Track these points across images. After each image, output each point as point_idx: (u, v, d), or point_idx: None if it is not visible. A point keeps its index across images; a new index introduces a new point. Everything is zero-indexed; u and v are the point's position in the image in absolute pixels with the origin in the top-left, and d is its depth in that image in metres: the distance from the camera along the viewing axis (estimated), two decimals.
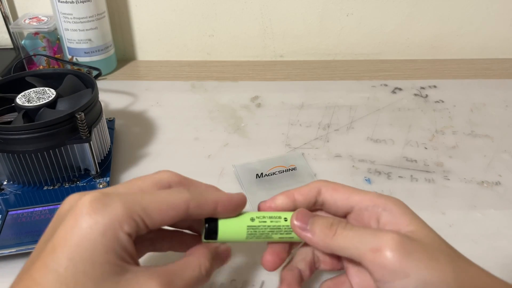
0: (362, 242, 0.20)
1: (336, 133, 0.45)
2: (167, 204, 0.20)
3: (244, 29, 0.59)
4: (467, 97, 0.52)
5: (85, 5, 0.50)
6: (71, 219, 0.18)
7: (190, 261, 0.21)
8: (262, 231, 0.24)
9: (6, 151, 0.33)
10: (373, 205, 0.23)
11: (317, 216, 0.23)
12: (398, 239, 0.20)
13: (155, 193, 0.21)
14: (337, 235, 0.21)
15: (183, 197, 0.21)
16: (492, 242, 0.33)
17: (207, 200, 0.22)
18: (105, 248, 0.18)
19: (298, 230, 0.23)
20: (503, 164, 0.41)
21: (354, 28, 0.59)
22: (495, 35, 0.60)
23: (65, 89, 0.37)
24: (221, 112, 0.49)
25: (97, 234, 0.18)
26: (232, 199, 0.23)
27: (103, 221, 0.18)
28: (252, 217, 0.24)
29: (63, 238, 0.18)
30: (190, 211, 0.21)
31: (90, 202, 0.18)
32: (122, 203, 0.19)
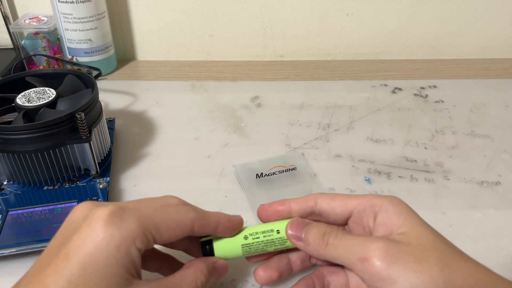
0: (351, 252, 0.21)
1: (336, 133, 0.45)
2: (176, 223, 0.21)
3: (244, 29, 0.59)
4: (467, 97, 0.52)
5: (85, 5, 0.50)
6: (87, 229, 0.19)
7: (187, 275, 0.22)
8: (256, 247, 0.25)
9: (6, 151, 0.33)
10: (370, 206, 0.23)
11: (311, 224, 0.24)
12: (384, 247, 0.20)
13: (165, 211, 0.22)
14: (329, 245, 0.22)
15: (190, 216, 0.22)
16: (492, 242, 0.33)
17: (210, 220, 0.23)
18: (117, 261, 0.19)
19: (292, 239, 0.24)
20: (503, 164, 0.41)
21: (354, 28, 0.59)
22: (495, 35, 0.60)
23: (65, 89, 0.37)
24: (221, 112, 0.49)
25: (112, 246, 0.19)
26: (232, 221, 0.24)
27: (119, 235, 0.19)
28: (246, 235, 0.25)
29: (78, 247, 0.19)
30: (195, 230, 0.22)
31: (108, 214, 0.19)
32: (137, 219, 0.20)
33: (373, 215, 0.23)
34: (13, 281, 0.29)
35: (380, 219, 0.23)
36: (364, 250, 0.21)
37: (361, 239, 0.22)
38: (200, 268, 0.23)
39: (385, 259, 0.20)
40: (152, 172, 0.39)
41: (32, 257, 0.31)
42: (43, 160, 0.34)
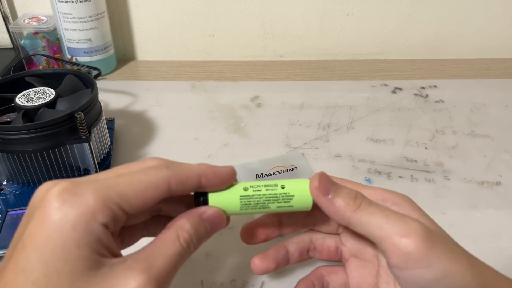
0: (388, 224, 0.19)
1: (336, 133, 0.45)
2: (145, 185, 0.19)
3: (244, 29, 0.59)
4: (467, 97, 0.52)
5: (85, 5, 0.50)
6: (40, 213, 0.17)
7: (166, 237, 0.19)
8: (257, 201, 0.22)
9: (6, 151, 0.33)
10: (382, 200, 0.22)
11: (339, 184, 0.22)
12: (426, 229, 0.19)
13: (131, 175, 0.19)
14: (361, 209, 0.20)
15: (162, 174, 0.19)
16: (492, 242, 0.33)
17: (189, 174, 0.20)
18: (76, 243, 0.16)
19: (317, 194, 0.21)
20: (503, 164, 0.41)
21: (354, 28, 0.59)
22: (495, 35, 0.60)
23: (65, 89, 0.37)
24: (221, 112, 0.49)
25: (67, 228, 0.16)
26: (217, 171, 0.21)
27: (73, 213, 0.17)
28: (246, 187, 0.22)
29: (32, 235, 0.17)
30: (173, 188, 0.19)
31: (58, 193, 0.17)
32: (93, 191, 0.17)
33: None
34: None
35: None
36: (405, 225, 0.19)
37: (399, 214, 0.20)
38: (180, 225, 0.20)
39: (426, 240, 0.19)
40: None
41: None
42: (43, 160, 0.34)
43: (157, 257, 0.18)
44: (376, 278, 0.23)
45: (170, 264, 0.18)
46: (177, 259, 0.19)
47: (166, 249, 0.19)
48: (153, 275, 0.17)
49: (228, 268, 0.30)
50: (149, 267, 0.18)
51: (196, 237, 0.20)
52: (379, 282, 0.23)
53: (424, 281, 0.19)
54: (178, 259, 0.19)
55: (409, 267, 0.19)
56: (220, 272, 0.30)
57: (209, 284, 0.29)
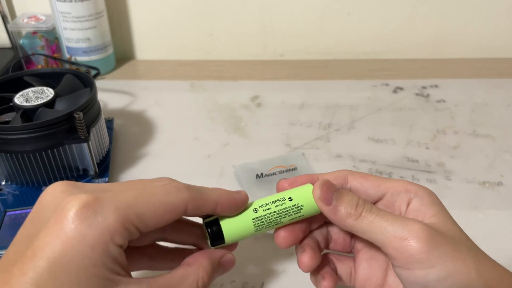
0: (389, 229, 0.20)
1: (336, 133, 0.45)
2: (165, 207, 0.19)
3: (244, 28, 0.59)
4: (468, 96, 0.51)
5: (84, 4, 0.50)
6: (55, 224, 0.17)
7: (187, 274, 0.20)
8: (269, 219, 0.22)
9: (4, 151, 0.33)
10: (405, 191, 0.22)
11: (342, 190, 0.22)
12: (427, 230, 0.19)
13: (151, 194, 0.19)
14: (362, 218, 0.21)
15: (182, 196, 0.19)
16: (494, 243, 0.32)
17: (207, 200, 0.20)
18: (93, 262, 0.16)
19: (320, 202, 0.22)
20: (505, 164, 0.40)
21: (354, 27, 0.59)
22: (496, 35, 0.60)
23: (64, 88, 0.37)
24: (220, 111, 0.49)
25: (85, 247, 0.16)
26: (233, 199, 0.22)
27: (92, 233, 0.16)
28: (255, 208, 0.22)
29: (45, 245, 0.16)
30: (188, 212, 0.20)
31: (79, 208, 0.17)
32: (114, 211, 0.17)
33: (407, 200, 0.22)
34: None
35: (413, 205, 0.22)
36: (405, 229, 0.20)
37: (399, 217, 0.20)
38: (203, 266, 0.20)
39: (428, 242, 0.19)
40: (151, 173, 0.39)
41: None
42: (41, 160, 0.33)
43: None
44: (386, 271, 0.23)
45: None
46: None
47: (184, 285, 0.19)
48: None
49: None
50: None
51: (212, 279, 0.21)
52: (388, 276, 0.23)
53: (427, 282, 0.19)
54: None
55: (412, 268, 0.19)
56: None
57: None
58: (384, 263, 0.24)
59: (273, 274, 0.30)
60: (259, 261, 0.31)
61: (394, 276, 0.23)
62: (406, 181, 0.23)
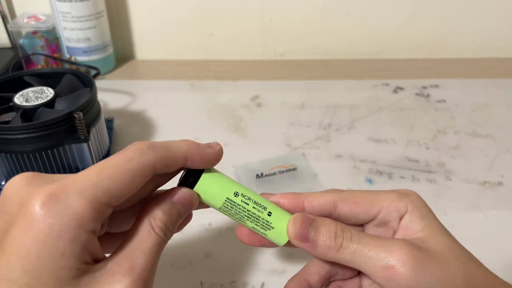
0: (373, 258, 0.19)
1: (337, 133, 0.45)
2: (131, 174, 0.18)
3: (244, 28, 0.59)
4: (469, 96, 0.51)
5: (84, 4, 0.49)
6: (23, 220, 0.16)
7: (141, 230, 0.18)
8: (238, 211, 0.21)
9: (4, 151, 0.33)
10: (396, 210, 0.22)
11: (317, 221, 0.21)
12: (412, 254, 0.19)
13: (114, 167, 0.18)
14: (343, 249, 0.20)
15: (147, 159, 0.18)
16: (494, 243, 0.32)
17: (175, 157, 0.19)
18: (61, 252, 0.16)
19: (296, 240, 0.21)
20: (505, 164, 0.40)
21: (355, 27, 0.59)
22: (497, 34, 0.60)
23: (64, 88, 0.37)
24: (220, 111, 0.48)
25: (52, 238, 0.16)
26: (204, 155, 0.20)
27: (59, 223, 0.16)
28: (237, 192, 0.21)
29: (14, 242, 0.16)
30: (156, 171, 0.19)
31: (43, 201, 0.16)
32: (79, 196, 0.16)
33: (399, 218, 0.22)
34: None
35: (403, 222, 0.22)
36: (388, 256, 0.19)
37: (381, 242, 0.20)
38: (152, 215, 0.19)
39: (414, 268, 0.19)
40: None
41: None
42: (41, 160, 0.33)
43: (137, 253, 0.18)
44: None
45: (151, 258, 0.18)
46: (156, 250, 0.18)
47: (143, 242, 0.18)
48: (137, 275, 0.17)
49: (228, 269, 0.30)
50: (131, 267, 0.17)
51: (171, 223, 0.19)
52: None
53: None
54: (157, 250, 0.18)
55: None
56: (220, 273, 0.30)
57: (209, 285, 0.29)
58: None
59: (273, 274, 0.30)
60: (259, 261, 0.31)
61: None
62: (396, 196, 0.22)
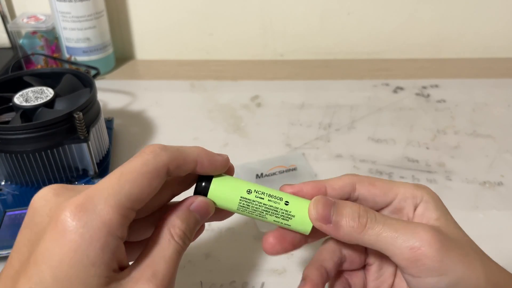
0: (399, 239, 0.19)
1: (337, 133, 0.45)
2: (147, 178, 0.18)
3: (244, 28, 0.59)
4: (469, 96, 0.51)
5: (84, 4, 0.49)
6: (54, 231, 0.17)
7: (160, 238, 0.19)
8: (255, 208, 0.21)
9: (4, 151, 0.33)
10: (412, 197, 0.22)
11: (340, 203, 0.21)
12: (438, 237, 0.19)
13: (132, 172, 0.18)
14: (368, 229, 0.20)
15: (160, 161, 0.19)
16: (494, 243, 0.32)
17: (186, 159, 0.20)
18: (92, 261, 0.16)
19: (318, 222, 0.20)
20: (505, 164, 0.40)
21: (355, 27, 0.59)
22: (497, 34, 0.60)
23: (63, 88, 0.37)
24: (220, 111, 0.48)
25: (83, 247, 0.16)
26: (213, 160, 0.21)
27: (90, 231, 0.17)
28: (250, 189, 0.21)
29: (46, 252, 0.17)
30: (170, 174, 0.20)
31: (73, 211, 0.17)
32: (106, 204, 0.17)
33: (414, 206, 0.22)
34: None
35: (419, 210, 0.22)
36: (415, 237, 0.19)
37: (406, 224, 0.20)
38: (171, 223, 0.19)
39: (439, 250, 0.19)
40: None
41: None
42: (41, 160, 0.33)
43: (158, 261, 0.18)
44: (394, 275, 0.23)
45: (171, 265, 0.19)
46: (176, 257, 0.19)
47: (163, 250, 0.19)
48: (159, 281, 0.18)
49: (228, 269, 0.30)
50: (153, 274, 0.18)
51: (189, 231, 0.20)
52: (395, 277, 0.23)
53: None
54: (176, 257, 0.19)
55: (423, 276, 0.19)
56: (220, 273, 0.30)
57: (209, 285, 0.29)
58: (393, 269, 0.24)
59: (273, 274, 0.30)
60: (259, 261, 0.31)
61: (399, 278, 0.23)
62: (413, 185, 0.22)
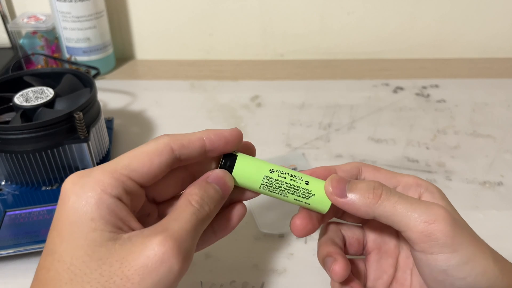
0: (414, 211, 0.20)
1: (337, 133, 0.45)
2: (148, 154, 0.19)
3: (244, 28, 0.59)
4: (469, 96, 0.51)
5: (84, 4, 0.49)
6: (59, 202, 0.19)
7: (178, 204, 0.20)
8: (278, 186, 0.22)
9: (4, 151, 0.33)
10: (416, 185, 0.22)
11: (354, 180, 0.22)
12: (451, 215, 0.20)
13: (134, 150, 0.20)
14: (383, 200, 0.20)
15: (161, 141, 0.20)
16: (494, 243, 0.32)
17: (190, 138, 0.21)
18: (90, 216, 0.17)
19: (335, 197, 0.21)
20: (505, 164, 0.40)
21: (355, 27, 0.59)
22: (497, 34, 0.60)
23: (64, 88, 0.37)
24: (220, 111, 0.48)
25: (80, 205, 0.18)
26: (220, 133, 0.22)
27: (84, 190, 0.18)
28: (272, 169, 0.22)
29: (55, 222, 0.18)
30: (177, 153, 0.20)
31: (71, 179, 0.19)
32: (101, 169, 0.19)
33: (418, 194, 0.22)
34: (11, 282, 0.29)
35: (425, 198, 0.22)
36: (430, 212, 0.19)
37: (419, 200, 0.20)
38: (188, 192, 0.20)
39: (453, 226, 0.19)
40: None
41: (30, 258, 0.31)
42: (41, 160, 0.33)
43: (173, 221, 0.19)
44: (395, 267, 0.24)
45: (185, 224, 0.19)
46: (191, 218, 0.19)
47: (180, 213, 0.19)
48: (170, 234, 0.18)
49: (228, 269, 0.30)
50: (164, 229, 0.18)
51: (208, 198, 0.20)
52: (397, 271, 0.23)
53: (448, 266, 0.19)
54: (194, 219, 0.19)
55: (434, 252, 0.19)
56: (220, 273, 0.30)
57: (209, 285, 0.29)
58: (394, 260, 0.24)
59: (273, 274, 0.30)
60: (259, 261, 0.31)
61: (402, 271, 0.23)
62: (416, 176, 0.23)
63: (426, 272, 0.20)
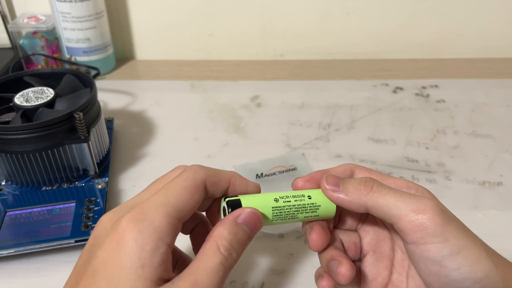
0: (403, 202, 0.20)
1: (336, 133, 0.45)
2: (189, 191, 0.20)
3: (244, 28, 0.59)
4: (468, 96, 0.51)
5: (84, 4, 0.50)
6: (112, 242, 0.18)
7: (206, 249, 0.19)
8: (287, 212, 0.22)
9: (4, 151, 0.33)
10: (406, 187, 0.23)
11: (347, 178, 0.23)
12: (440, 206, 0.20)
13: (174, 187, 0.20)
14: (374, 191, 0.21)
15: (199, 177, 0.21)
16: (494, 243, 0.32)
17: (221, 177, 0.22)
18: (141, 263, 0.18)
19: (330, 193, 0.22)
20: (504, 164, 0.40)
21: (355, 27, 0.59)
22: (496, 35, 0.60)
23: (64, 88, 0.37)
24: (220, 112, 0.49)
25: (136, 250, 0.18)
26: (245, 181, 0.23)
27: (143, 236, 0.18)
28: (276, 198, 0.22)
29: (104, 262, 0.18)
30: (207, 189, 0.21)
31: (129, 221, 0.18)
32: (156, 213, 0.19)
33: None
34: (11, 282, 0.29)
35: None
36: (419, 202, 0.20)
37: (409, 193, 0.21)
38: (218, 234, 0.20)
39: (441, 216, 0.20)
40: (151, 173, 0.39)
41: (30, 258, 0.31)
42: (41, 160, 0.33)
43: (200, 272, 0.19)
44: (390, 270, 0.24)
45: (213, 276, 0.19)
46: (219, 269, 0.19)
47: (208, 261, 0.19)
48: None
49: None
50: (194, 283, 0.18)
51: (236, 243, 0.20)
52: (392, 273, 0.24)
53: (441, 256, 0.19)
54: (221, 269, 0.19)
55: (426, 243, 0.20)
56: None
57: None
58: (389, 262, 0.24)
59: (273, 274, 0.30)
60: (259, 261, 0.31)
61: (398, 273, 0.23)
62: (407, 180, 0.23)
63: (421, 266, 0.21)
